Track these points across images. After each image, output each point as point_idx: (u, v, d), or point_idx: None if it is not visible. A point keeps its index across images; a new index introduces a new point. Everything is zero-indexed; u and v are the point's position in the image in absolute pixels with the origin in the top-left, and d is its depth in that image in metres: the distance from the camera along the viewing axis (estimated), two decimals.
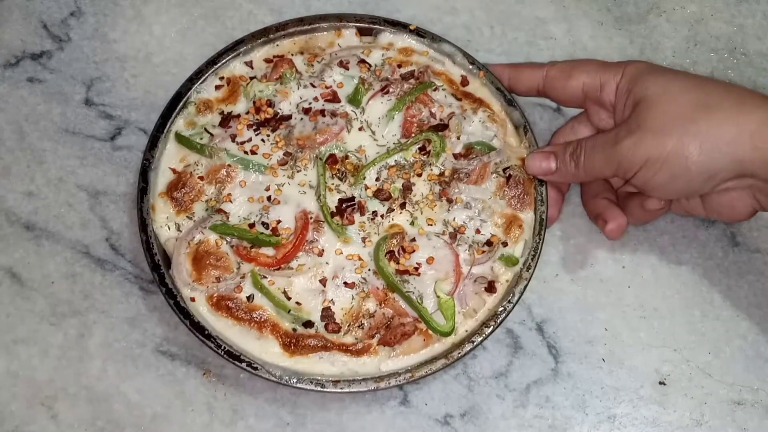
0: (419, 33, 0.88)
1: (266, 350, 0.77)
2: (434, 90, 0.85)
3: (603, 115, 0.81)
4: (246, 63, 0.87)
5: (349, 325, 0.79)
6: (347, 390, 0.76)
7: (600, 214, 0.81)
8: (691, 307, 0.86)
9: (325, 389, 0.76)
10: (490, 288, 0.80)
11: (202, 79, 0.85)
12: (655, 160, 0.71)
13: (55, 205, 0.88)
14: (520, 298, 0.79)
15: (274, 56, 0.87)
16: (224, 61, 0.86)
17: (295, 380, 0.76)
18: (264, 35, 0.87)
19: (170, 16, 0.96)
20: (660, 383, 0.83)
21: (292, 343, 0.78)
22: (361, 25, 0.89)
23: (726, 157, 0.69)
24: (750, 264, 0.87)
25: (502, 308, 0.79)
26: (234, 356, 0.76)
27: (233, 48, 0.87)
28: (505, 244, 0.81)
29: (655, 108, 0.72)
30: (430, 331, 0.78)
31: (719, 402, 0.82)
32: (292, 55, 0.88)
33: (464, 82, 0.87)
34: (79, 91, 0.92)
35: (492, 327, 0.78)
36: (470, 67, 0.87)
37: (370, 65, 0.86)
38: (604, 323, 0.85)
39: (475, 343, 0.78)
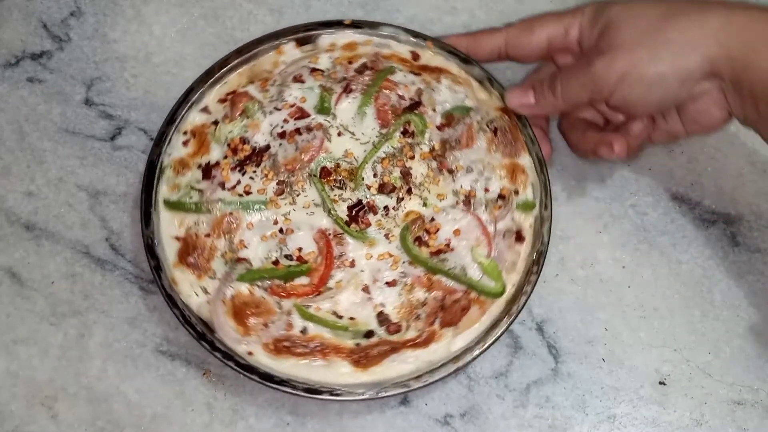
0: (355, 25, 0.88)
1: (339, 374, 0.76)
2: (393, 74, 0.85)
3: (570, 59, 0.82)
4: (202, 110, 0.85)
5: (407, 321, 0.79)
6: (432, 381, 0.76)
7: (599, 142, 0.81)
8: (691, 307, 0.86)
9: (411, 388, 0.76)
10: (519, 237, 0.81)
11: (167, 141, 0.83)
12: (630, 75, 0.73)
13: (55, 205, 0.88)
14: (549, 238, 0.81)
15: (226, 94, 0.86)
16: (181, 115, 0.84)
17: (380, 392, 0.75)
18: (209, 76, 0.85)
19: (170, 16, 0.96)
20: (660, 383, 0.83)
21: (362, 358, 0.77)
22: (298, 36, 0.88)
23: (696, 56, 0.71)
24: (750, 264, 0.87)
25: (538, 252, 0.80)
26: (314, 391, 0.75)
27: (185, 99, 0.84)
28: (516, 193, 0.82)
29: (623, 26, 0.74)
30: (482, 298, 0.79)
31: (719, 402, 0.82)
32: (243, 86, 0.86)
33: (415, 56, 0.88)
34: (79, 91, 0.92)
35: (536, 273, 0.79)
36: (416, 41, 0.88)
37: (323, 70, 0.86)
38: (604, 323, 0.85)
39: (528, 293, 0.79)
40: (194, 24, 0.96)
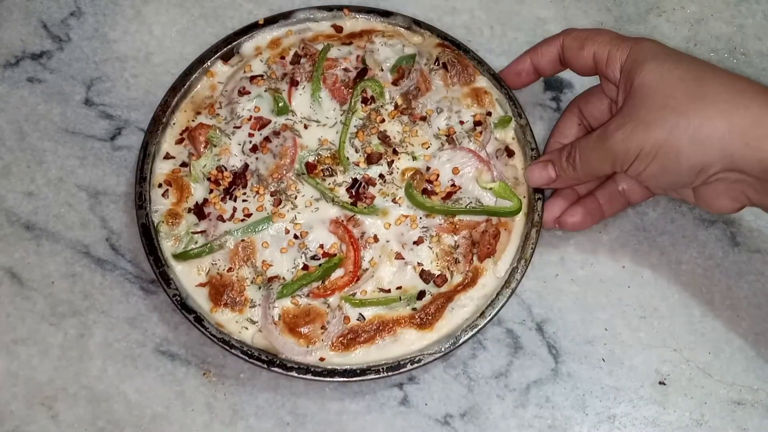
0: (270, 21, 0.89)
1: (410, 342, 0.79)
2: (328, 51, 0.87)
3: (612, 88, 0.80)
4: (165, 158, 0.85)
5: (448, 269, 0.80)
6: (497, 310, 0.79)
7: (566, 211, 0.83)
8: (691, 307, 0.86)
9: (480, 327, 0.78)
10: (509, 152, 0.85)
11: (147, 200, 0.82)
12: (647, 154, 0.71)
13: (55, 205, 0.88)
14: (536, 142, 0.85)
15: (180, 133, 0.86)
16: (148, 170, 0.83)
17: (455, 342, 0.78)
18: (157, 123, 0.85)
19: (170, 16, 0.96)
20: (660, 383, 0.83)
21: (423, 319, 0.79)
22: (220, 52, 0.88)
23: (716, 153, 0.68)
24: (750, 264, 0.87)
25: (531, 159, 0.84)
26: (397, 367, 0.77)
27: (145, 154, 0.84)
28: (489, 114, 0.86)
29: (648, 98, 0.71)
30: (504, 220, 0.82)
31: (719, 402, 0.82)
32: (193, 119, 0.86)
33: (338, 29, 0.90)
34: (79, 91, 0.92)
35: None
36: (333, 13, 0.90)
37: (261, 75, 0.86)
38: (604, 323, 0.85)
39: (541, 199, 0.83)
40: (194, 24, 0.96)
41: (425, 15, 0.96)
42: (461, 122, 0.85)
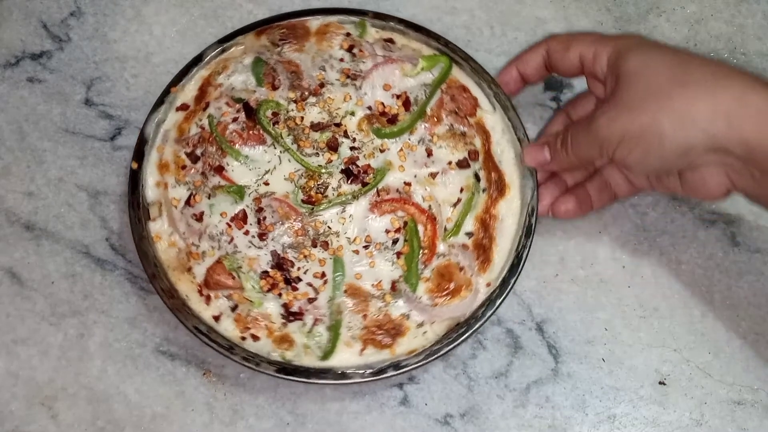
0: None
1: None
2: (213, 120, 0.84)
3: (599, 86, 0.81)
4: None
5: (465, 143, 0.84)
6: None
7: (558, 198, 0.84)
8: (691, 307, 0.86)
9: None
10: (390, 41, 0.88)
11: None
12: (630, 138, 0.71)
13: (55, 205, 0.88)
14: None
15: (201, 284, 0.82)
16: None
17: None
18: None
19: (170, 16, 0.96)
20: (660, 383, 0.83)
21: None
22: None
23: (700, 134, 0.68)
24: (750, 264, 0.87)
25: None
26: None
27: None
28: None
29: (633, 84, 0.72)
30: (460, 83, 0.86)
31: (719, 402, 0.82)
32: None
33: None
34: (79, 91, 0.92)
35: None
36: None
37: (194, 186, 0.82)
38: (604, 323, 0.85)
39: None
40: (194, 24, 0.96)
41: (425, 15, 0.96)
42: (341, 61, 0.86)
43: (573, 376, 0.83)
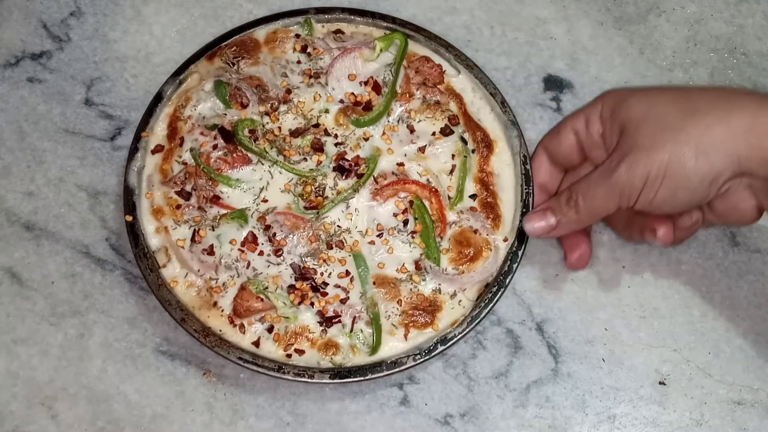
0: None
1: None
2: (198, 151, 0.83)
3: (597, 152, 0.79)
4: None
5: (442, 110, 0.85)
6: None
7: (644, 228, 0.78)
8: (691, 307, 0.86)
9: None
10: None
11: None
12: (654, 178, 0.69)
13: (55, 205, 0.88)
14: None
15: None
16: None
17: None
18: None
19: (170, 16, 0.96)
20: (660, 383, 0.83)
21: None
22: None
23: (723, 158, 0.68)
24: (750, 264, 0.87)
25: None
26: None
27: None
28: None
29: (643, 126, 0.71)
30: (420, 56, 0.88)
31: (719, 402, 0.82)
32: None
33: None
34: (79, 91, 0.92)
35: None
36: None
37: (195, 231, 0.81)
38: (604, 323, 0.85)
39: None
40: (194, 24, 0.96)
41: (425, 15, 0.96)
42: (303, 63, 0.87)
43: (573, 376, 0.83)
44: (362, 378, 0.77)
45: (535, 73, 0.95)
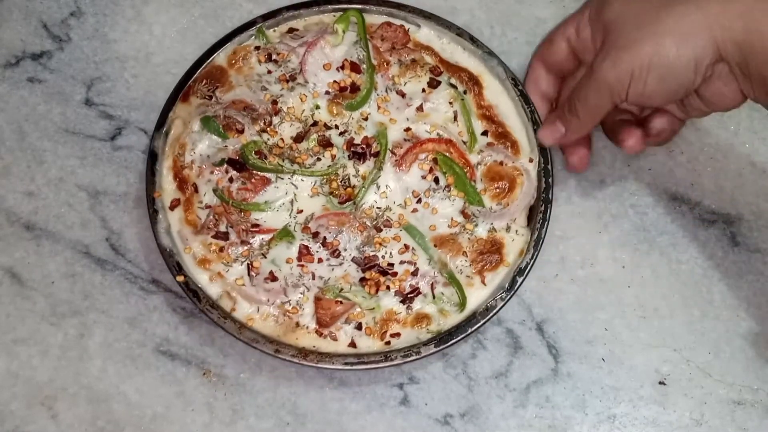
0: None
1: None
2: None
3: (591, 55, 0.81)
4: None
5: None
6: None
7: (618, 136, 0.83)
8: (691, 307, 0.86)
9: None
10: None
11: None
12: (640, 71, 0.72)
13: (55, 205, 0.88)
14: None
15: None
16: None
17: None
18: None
19: (170, 16, 0.96)
20: (660, 383, 0.83)
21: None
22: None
23: (702, 42, 0.70)
24: (750, 264, 0.87)
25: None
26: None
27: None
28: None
29: (622, 24, 0.74)
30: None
31: (719, 402, 0.82)
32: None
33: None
34: (79, 91, 0.92)
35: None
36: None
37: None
38: (604, 323, 0.85)
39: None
40: (194, 24, 0.96)
41: None
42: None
43: (573, 376, 0.83)
44: (464, 335, 0.78)
45: None
